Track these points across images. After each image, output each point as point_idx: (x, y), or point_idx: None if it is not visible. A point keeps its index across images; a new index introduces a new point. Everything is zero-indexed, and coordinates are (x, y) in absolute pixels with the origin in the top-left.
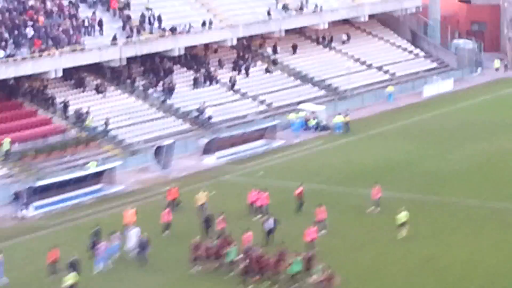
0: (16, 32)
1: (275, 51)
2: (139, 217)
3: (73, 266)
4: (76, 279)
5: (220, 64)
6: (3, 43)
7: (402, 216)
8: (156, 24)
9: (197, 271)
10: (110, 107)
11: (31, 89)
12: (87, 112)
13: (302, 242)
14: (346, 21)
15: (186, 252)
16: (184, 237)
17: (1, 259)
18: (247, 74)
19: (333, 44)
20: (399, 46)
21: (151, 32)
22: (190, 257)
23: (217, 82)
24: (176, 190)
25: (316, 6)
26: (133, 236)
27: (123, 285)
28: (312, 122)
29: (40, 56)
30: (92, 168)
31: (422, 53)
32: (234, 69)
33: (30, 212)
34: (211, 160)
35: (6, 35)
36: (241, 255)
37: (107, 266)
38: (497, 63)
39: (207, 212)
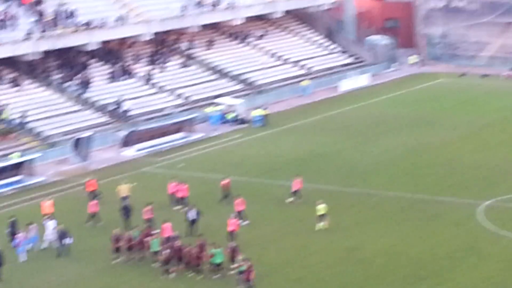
0: None
1: (190, 46)
2: (59, 208)
3: None
4: None
5: (136, 59)
6: None
7: (321, 208)
8: (70, 19)
9: (120, 262)
10: (27, 100)
11: None
12: (4, 105)
13: (224, 233)
14: (261, 17)
15: (109, 243)
16: (106, 228)
17: None
18: (163, 68)
19: (248, 39)
20: (314, 42)
21: (66, 27)
22: (111, 248)
23: (133, 76)
24: (95, 181)
25: (231, 2)
26: (50, 227)
27: (48, 275)
28: (230, 116)
29: None
30: (12, 160)
31: (338, 49)
32: (150, 63)
33: None
34: (130, 153)
35: None
36: (163, 246)
37: (24, 257)
38: (412, 58)
39: (126, 202)
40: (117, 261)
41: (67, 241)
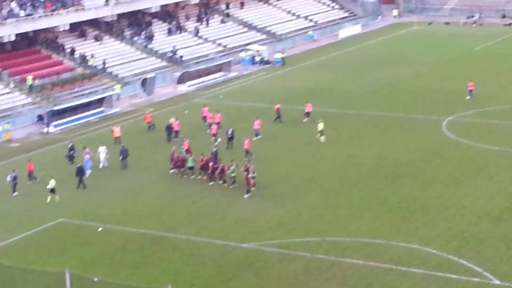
0: None
1: (227, 6)
2: (130, 131)
3: (79, 171)
4: (54, 184)
5: (187, 17)
6: (23, 6)
7: (320, 125)
8: None
9: (174, 173)
10: (106, 51)
11: (46, 39)
12: (90, 55)
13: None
14: None
15: (166, 158)
16: (164, 147)
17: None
18: (207, 24)
19: (270, 1)
20: (319, 1)
21: None
22: (169, 161)
23: (185, 30)
24: (150, 115)
25: None
26: (102, 153)
27: (122, 181)
28: (258, 58)
29: (52, 14)
30: (100, 94)
31: (337, 6)
32: (197, 20)
33: (51, 129)
34: (183, 88)
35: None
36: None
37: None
38: (394, 12)
39: (170, 128)
40: (172, 172)
41: (127, 157)
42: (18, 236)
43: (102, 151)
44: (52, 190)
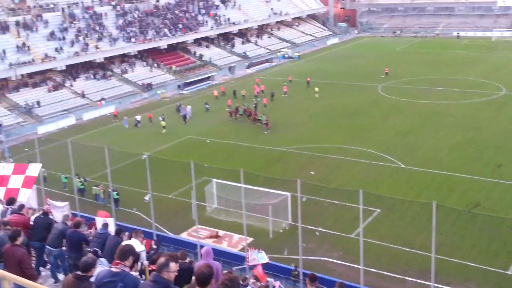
0: (173, 26)
1: (271, 29)
2: (219, 93)
3: (184, 116)
4: (164, 124)
5: (251, 35)
6: (171, 30)
7: (317, 89)
8: (224, 22)
9: (232, 119)
10: (211, 53)
11: (182, 47)
12: (203, 55)
13: (279, 106)
14: (298, 17)
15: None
16: (232, 101)
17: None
18: (261, 38)
19: (293, 26)
20: (318, 27)
21: (224, 25)
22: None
23: (250, 42)
24: (224, 88)
25: (287, 12)
26: (189, 108)
27: (206, 121)
28: (286, 55)
29: (184, 34)
30: (208, 73)
31: (326, 28)
32: (256, 37)
33: (184, 91)
34: (250, 71)
35: (171, 26)
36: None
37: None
38: (355, 31)
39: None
40: (231, 118)
41: (209, 107)
42: (168, 145)
43: (189, 108)
44: (164, 126)
